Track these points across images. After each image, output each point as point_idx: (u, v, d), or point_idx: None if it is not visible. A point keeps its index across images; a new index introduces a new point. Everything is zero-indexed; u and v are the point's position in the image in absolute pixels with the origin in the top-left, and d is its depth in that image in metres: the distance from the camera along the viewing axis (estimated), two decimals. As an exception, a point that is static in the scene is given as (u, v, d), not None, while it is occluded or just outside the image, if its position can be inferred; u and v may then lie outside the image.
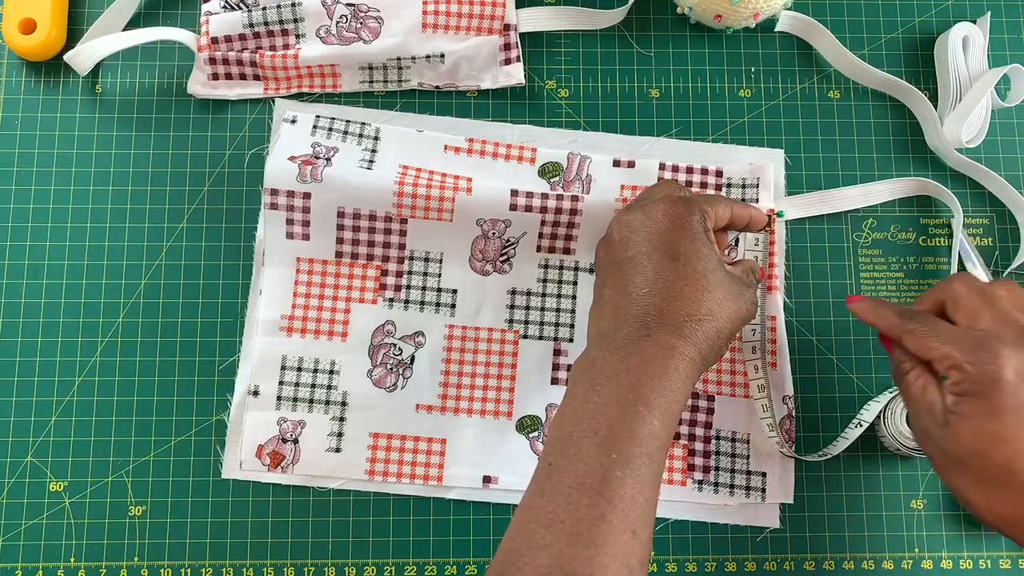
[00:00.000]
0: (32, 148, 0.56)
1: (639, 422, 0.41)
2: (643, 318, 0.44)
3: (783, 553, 0.53)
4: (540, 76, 0.58)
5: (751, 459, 0.53)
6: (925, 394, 0.43)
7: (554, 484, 0.41)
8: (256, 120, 0.57)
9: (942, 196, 0.56)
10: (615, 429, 0.41)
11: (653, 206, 0.47)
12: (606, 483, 0.40)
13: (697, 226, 0.46)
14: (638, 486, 0.40)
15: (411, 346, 0.54)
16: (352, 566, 0.52)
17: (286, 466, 0.53)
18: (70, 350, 0.54)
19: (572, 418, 0.43)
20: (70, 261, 0.55)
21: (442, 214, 0.54)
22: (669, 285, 0.45)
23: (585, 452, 0.41)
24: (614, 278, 0.47)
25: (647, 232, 0.46)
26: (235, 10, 0.56)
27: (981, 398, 0.41)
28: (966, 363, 0.41)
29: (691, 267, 0.45)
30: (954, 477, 0.43)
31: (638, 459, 0.41)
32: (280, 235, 0.54)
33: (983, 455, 0.41)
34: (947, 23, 0.59)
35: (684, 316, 0.44)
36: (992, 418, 0.41)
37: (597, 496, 0.40)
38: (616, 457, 0.40)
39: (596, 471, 0.40)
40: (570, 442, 0.42)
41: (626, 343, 0.44)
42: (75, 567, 0.52)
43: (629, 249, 0.46)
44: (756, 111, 0.58)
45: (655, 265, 0.45)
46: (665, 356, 0.43)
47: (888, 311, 0.46)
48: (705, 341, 0.44)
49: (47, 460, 0.53)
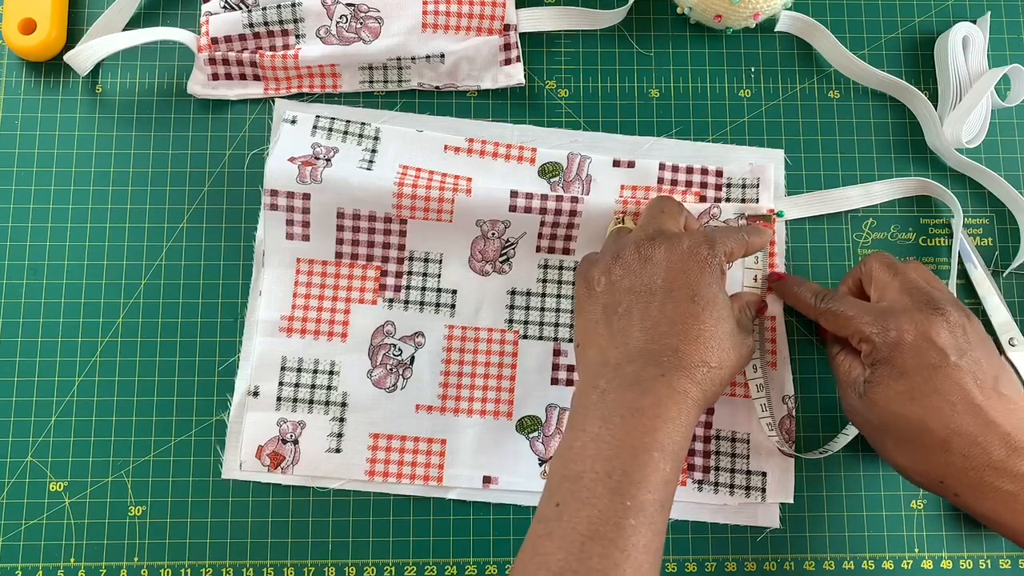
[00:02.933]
0: (32, 148, 0.56)
1: (653, 468, 0.41)
2: (658, 357, 0.43)
3: (783, 553, 0.53)
4: (540, 76, 0.58)
5: (751, 459, 0.53)
6: (850, 371, 0.47)
7: (564, 529, 0.40)
8: (256, 120, 0.57)
9: (942, 196, 0.56)
10: (630, 475, 0.40)
11: (678, 240, 0.46)
12: (620, 532, 0.39)
13: (717, 269, 0.46)
14: (651, 534, 0.40)
15: (411, 346, 0.54)
16: (352, 566, 0.52)
17: (286, 467, 0.53)
18: (70, 350, 0.54)
19: (583, 456, 0.41)
20: (70, 261, 0.55)
21: (441, 215, 0.54)
22: (687, 327, 0.44)
23: (599, 497, 0.40)
24: (627, 306, 0.45)
25: (670, 268, 0.45)
26: (235, 10, 0.56)
27: (888, 363, 0.45)
28: (872, 334, 0.46)
29: (708, 312, 0.44)
30: (880, 444, 0.47)
31: (651, 506, 0.40)
32: (280, 236, 0.54)
33: (898, 415, 0.44)
34: (947, 23, 0.59)
35: (699, 361, 0.43)
36: (899, 379, 0.44)
37: (611, 545, 0.39)
38: (631, 505, 0.40)
39: (610, 519, 0.39)
40: (581, 484, 0.40)
41: (639, 380, 0.43)
42: (75, 567, 0.52)
43: (648, 281, 0.45)
44: (756, 111, 0.58)
45: (675, 304, 0.44)
46: (679, 400, 0.42)
47: (806, 292, 0.50)
48: (711, 387, 0.44)
49: (47, 460, 0.53)
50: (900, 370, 0.44)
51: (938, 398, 0.43)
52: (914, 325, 0.45)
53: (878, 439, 0.46)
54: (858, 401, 0.46)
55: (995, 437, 0.42)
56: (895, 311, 0.46)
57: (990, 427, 0.43)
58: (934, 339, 0.44)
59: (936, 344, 0.44)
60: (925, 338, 0.44)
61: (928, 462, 0.44)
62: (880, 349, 0.45)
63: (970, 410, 0.43)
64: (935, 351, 0.44)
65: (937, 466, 0.44)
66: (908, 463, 0.45)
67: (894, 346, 0.45)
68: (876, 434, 0.46)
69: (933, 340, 0.44)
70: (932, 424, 0.43)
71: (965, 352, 0.44)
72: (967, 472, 0.43)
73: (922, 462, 0.44)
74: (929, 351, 0.44)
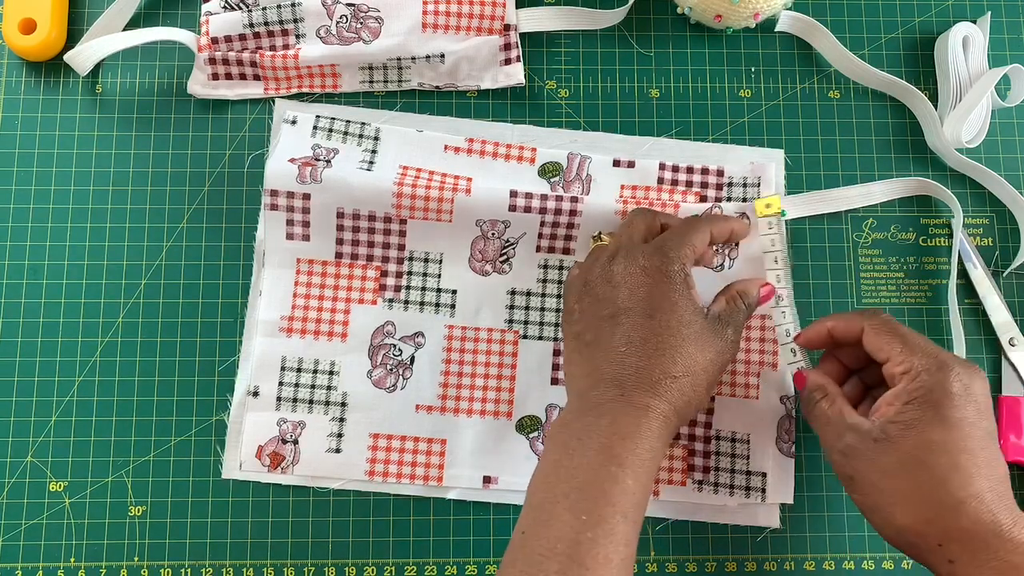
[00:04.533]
0: (32, 148, 0.56)
1: (611, 482, 0.41)
2: (619, 377, 0.44)
3: (783, 553, 0.53)
4: (540, 76, 0.58)
5: (751, 459, 0.53)
6: (844, 417, 0.45)
7: (526, 553, 0.40)
8: (256, 120, 0.57)
9: (942, 196, 0.56)
10: (585, 491, 0.41)
11: (633, 258, 0.47)
12: (578, 546, 0.39)
13: (676, 277, 0.46)
14: (612, 546, 0.40)
15: (411, 346, 0.54)
16: (352, 566, 0.52)
17: (286, 467, 0.53)
18: (70, 350, 0.54)
19: (544, 484, 0.43)
20: (70, 261, 0.55)
21: (441, 215, 0.54)
22: (645, 343, 0.44)
23: (556, 517, 0.41)
24: (593, 334, 0.46)
25: (628, 288, 0.46)
26: (235, 10, 0.56)
27: (933, 408, 0.42)
28: (924, 371, 0.43)
29: (666, 322, 0.45)
30: (878, 494, 0.44)
31: (611, 519, 0.40)
32: (280, 236, 0.54)
33: (922, 464, 0.42)
34: (947, 23, 0.59)
35: (660, 374, 0.44)
36: (940, 428, 0.42)
37: (568, 560, 0.39)
38: (587, 519, 0.40)
39: (567, 535, 0.40)
40: (542, 509, 0.41)
41: (599, 403, 0.44)
42: (75, 567, 0.52)
43: (609, 307, 0.46)
44: (756, 111, 0.58)
45: (632, 323, 0.45)
46: (638, 415, 0.43)
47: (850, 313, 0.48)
48: (681, 398, 0.44)
49: (47, 460, 0.53)
50: (944, 419, 0.42)
51: (968, 458, 0.42)
52: (960, 379, 0.43)
53: (879, 488, 0.44)
54: (870, 446, 0.44)
55: (1005, 506, 0.41)
56: (945, 358, 0.44)
57: (1003, 498, 0.42)
58: (977, 397, 0.43)
59: (978, 403, 0.43)
60: (969, 393, 0.43)
61: (934, 522, 0.42)
62: (927, 390, 0.43)
63: (989, 476, 0.42)
64: (974, 409, 0.43)
65: (941, 528, 0.42)
66: (909, 521, 0.42)
67: (945, 394, 0.43)
68: (880, 483, 0.43)
69: (975, 398, 0.43)
70: (954, 483, 0.41)
71: (992, 421, 0.43)
72: (974, 539, 0.41)
73: (927, 521, 0.42)
74: (967, 407, 0.43)
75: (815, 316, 0.55)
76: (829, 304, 0.55)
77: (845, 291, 0.56)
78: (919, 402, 0.43)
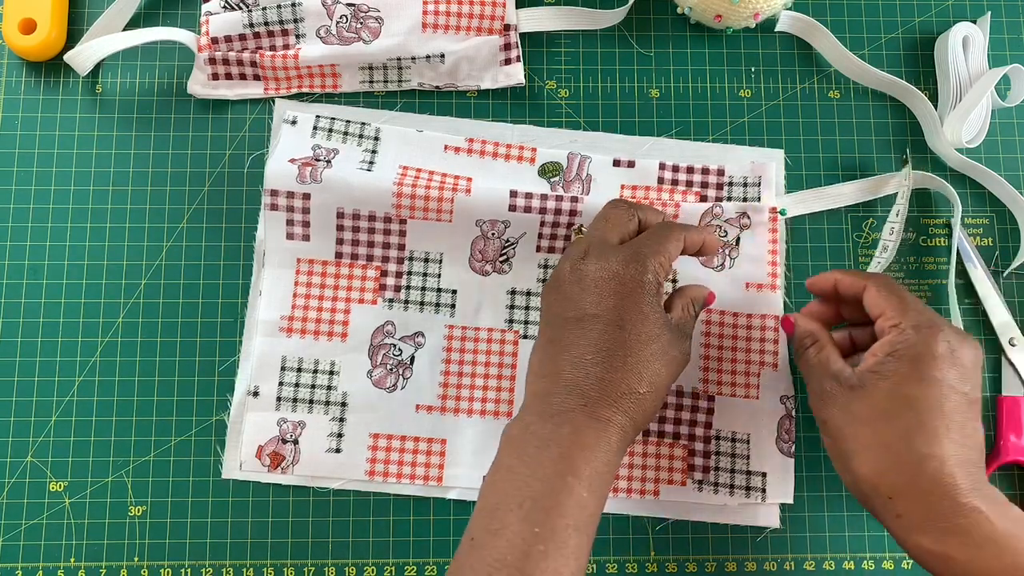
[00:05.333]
0: (32, 148, 0.56)
1: (567, 493, 0.40)
2: (582, 386, 0.43)
3: (783, 553, 0.53)
4: (540, 76, 0.58)
5: (751, 459, 0.53)
6: (829, 363, 0.46)
7: (473, 562, 0.40)
8: (256, 120, 0.57)
9: (940, 188, 0.56)
10: (540, 501, 0.40)
11: (607, 261, 0.45)
12: (527, 559, 0.39)
13: (649, 287, 0.44)
14: (563, 559, 0.39)
15: (411, 346, 0.54)
16: (352, 566, 0.52)
17: (286, 467, 0.53)
18: (70, 350, 0.54)
19: (496, 489, 0.42)
20: (70, 261, 0.55)
21: (441, 215, 0.54)
22: (612, 355, 0.43)
23: (508, 527, 0.40)
24: (558, 335, 0.45)
25: (599, 292, 0.44)
26: (235, 10, 0.56)
27: (912, 363, 0.43)
28: (910, 327, 0.44)
29: (636, 335, 0.43)
30: (842, 441, 0.44)
31: (563, 531, 0.40)
32: (280, 236, 0.54)
33: (889, 416, 0.42)
34: (947, 23, 0.59)
35: (624, 389, 0.43)
36: (916, 384, 0.42)
37: (516, 572, 0.39)
38: (540, 531, 0.40)
39: (517, 546, 0.39)
40: (494, 516, 0.41)
41: (561, 411, 0.43)
42: (75, 567, 0.52)
43: (575, 309, 0.44)
44: (756, 111, 0.58)
45: (601, 332, 0.43)
46: (600, 428, 0.42)
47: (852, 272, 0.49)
48: (641, 413, 0.43)
49: (47, 460, 0.53)
50: (922, 377, 0.42)
51: (939, 419, 0.42)
52: (947, 341, 0.43)
53: (844, 435, 0.44)
54: (845, 393, 0.44)
55: (968, 473, 0.41)
56: (936, 319, 0.44)
57: (969, 464, 0.41)
58: (963, 362, 0.43)
59: (963, 368, 0.43)
60: (955, 357, 0.43)
61: (886, 474, 0.42)
62: (910, 345, 0.43)
63: (958, 442, 0.42)
64: (957, 374, 0.43)
65: (893, 482, 0.42)
66: (866, 471, 0.43)
67: (928, 351, 0.43)
68: (846, 429, 0.44)
69: (961, 363, 0.43)
70: (918, 440, 0.42)
71: (976, 389, 0.43)
72: (926, 497, 0.41)
73: (880, 473, 0.42)
74: (950, 369, 0.42)
75: (815, 316, 0.55)
76: (829, 304, 0.55)
77: (845, 291, 0.56)
78: (900, 355, 0.43)
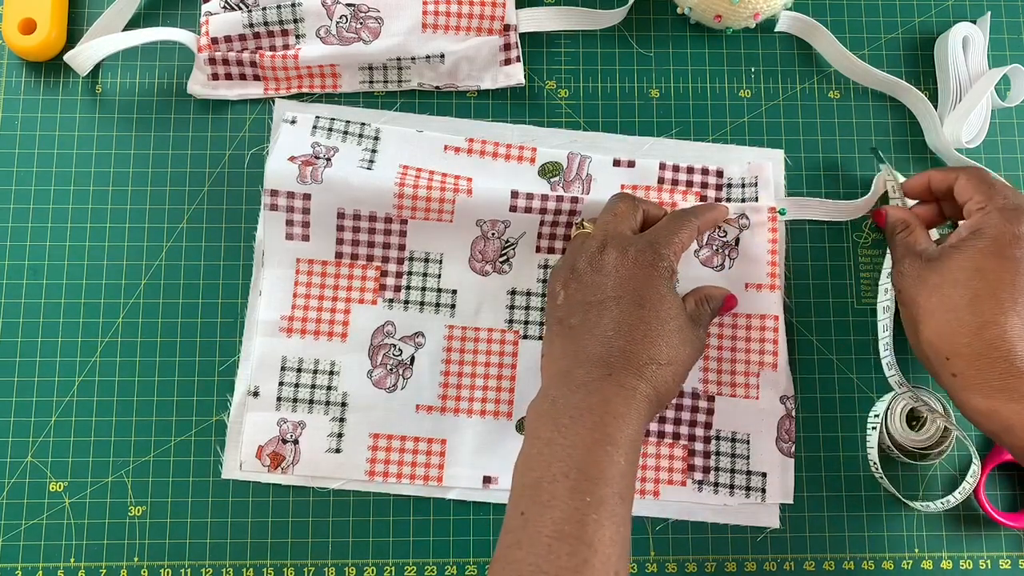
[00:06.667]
0: (32, 148, 0.56)
1: (608, 462, 0.42)
2: (606, 358, 0.45)
3: (783, 553, 0.53)
4: (540, 76, 0.58)
5: (751, 459, 0.53)
6: (916, 243, 0.50)
7: (531, 535, 0.40)
8: (256, 120, 0.57)
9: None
10: (586, 471, 0.41)
11: (625, 250, 0.47)
12: (584, 528, 0.40)
13: (664, 272, 0.47)
14: (614, 526, 0.41)
15: (411, 346, 0.54)
16: (352, 566, 0.52)
17: (286, 467, 0.53)
18: (70, 350, 0.54)
19: (539, 462, 0.43)
20: (70, 261, 0.55)
21: (442, 215, 0.54)
22: (634, 329, 0.45)
23: (558, 498, 0.41)
24: (580, 318, 0.47)
25: (618, 277, 0.47)
26: (235, 10, 0.56)
27: (992, 240, 0.46)
28: (995, 209, 0.47)
29: (655, 313, 0.46)
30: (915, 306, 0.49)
31: (611, 499, 0.41)
32: (280, 236, 0.54)
33: (960, 285, 0.46)
34: (947, 23, 0.59)
35: (647, 359, 0.45)
36: (993, 259, 0.46)
37: (577, 542, 0.40)
38: (591, 500, 0.41)
39: (572, 517, 0.40)
40: (540, 488, 0.41)
41: (587, 381, 0.44)
42: (75, 567, 0.52)
43: (599, 292, 0.47)
44: (756, 111, 0.58)
45: (622, 310, 0.46)
46: (628, 396, 0.44)
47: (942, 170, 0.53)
48: (663, 384, 0.45)
49: (47, 460, 0.53)
50: (997, 250, 0.46)
51: (1009, 292, 0.45)
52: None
53: (917, 302, 0.48)
54: (922, 265, 0.48)
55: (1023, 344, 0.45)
56: (1021, 202, 0.47)
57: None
58: None
59: None
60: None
61: (951, 335, 0.46)
62: (993, 225, 0.47)
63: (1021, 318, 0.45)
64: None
65: (956, 343, 0.46)
66: (928, 334, 0.47)
67: (1005, 228, 0.46)
68: (919, 297, 0.48)
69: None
70: (984, 306, 0.45)
71: None
72: (981, 358, 0.45)
73: (945, 335, 0.46)
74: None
75: (816, 316, 0.55)
76: (829, 304, 0.55)
77: (845, 291, 0.56)
78: (982, 234, 0.47)
